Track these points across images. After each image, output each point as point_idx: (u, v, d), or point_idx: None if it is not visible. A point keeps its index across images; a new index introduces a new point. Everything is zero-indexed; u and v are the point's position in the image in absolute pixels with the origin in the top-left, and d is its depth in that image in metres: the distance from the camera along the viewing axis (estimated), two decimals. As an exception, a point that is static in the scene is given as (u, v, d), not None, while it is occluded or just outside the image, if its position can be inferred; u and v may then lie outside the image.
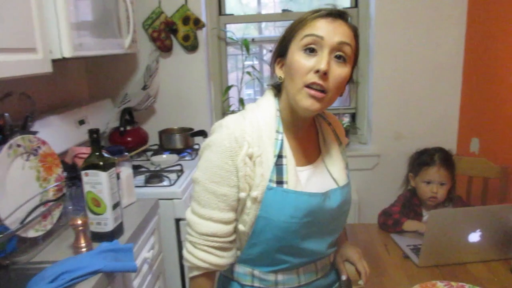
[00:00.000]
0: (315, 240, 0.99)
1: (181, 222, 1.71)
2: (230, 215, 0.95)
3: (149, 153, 2.23)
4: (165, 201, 1.68)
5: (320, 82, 0.88)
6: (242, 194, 0.93)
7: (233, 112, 2.50)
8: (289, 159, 0.95)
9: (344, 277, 1.09)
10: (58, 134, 1.76)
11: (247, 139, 0.92)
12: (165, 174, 1.86)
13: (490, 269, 1.32)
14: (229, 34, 2.48)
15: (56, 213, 1.30)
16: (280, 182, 0.93)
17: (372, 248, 1.52)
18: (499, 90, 1.95)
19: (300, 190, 0.94)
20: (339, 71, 0.90)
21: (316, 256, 1.02)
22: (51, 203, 1.26)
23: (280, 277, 1.00)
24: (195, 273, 0.97)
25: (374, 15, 2.30)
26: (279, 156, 0.95)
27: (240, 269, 1.03)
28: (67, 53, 1.46)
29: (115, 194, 1.25)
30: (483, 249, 1.34)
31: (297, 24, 0.94)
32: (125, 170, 1.52)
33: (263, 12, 2.67)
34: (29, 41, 1.26)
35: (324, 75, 0.88)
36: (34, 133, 1.47)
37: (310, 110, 0.91)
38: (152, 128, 2.34)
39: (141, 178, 1.83)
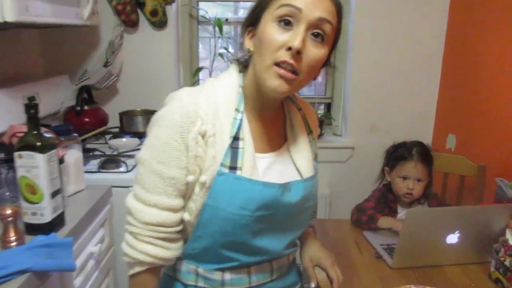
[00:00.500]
0: (271, 238, 0.87)
1: (137, 213, 1.55)
2: (179, 202, 0.83)
3: (108, 136, 2.05)
4: (120, 189, 1.52)
5: (292, 61, 0.77)
6: (190, 178, 0.81)
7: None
8: (247, 142, 0.84)
9: (313, 284, 0.95)
10: (0, 111, 1.57)
11: (201, 115, 0.81)
12: (123, 159, 1.70)
13: (467, 273, 1.24)
14: (201, 13, 2.31)
15: (-14, 200, 1.12)
16: (233, 168, 0.82)
17: (343, 246, 1.41)
18: (477, 87, 1.88)
19: (255, 179, 0.82)
20: (314, 52, 0.79)
21: (272, 256, 0.90)
22: (-21, 189, 1.09)
23: (227, 276, 0.88)
24: (137, 269, 0.84)
25: (354, 2, 2.19)
26: (236, 138, 0.83)
27: (183, 267, 0.90)
28: (10, 17, 1.27)
29: (55, 180, 1.09)
30: (461, 251, 1.26)
31: None
32: (73, 153, 1.35)
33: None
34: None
35: (297, 54, 0.77)
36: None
37: (277, 92, 0.80)
38: (112, 109, 2.15)
39: (95, 163, 1.66)
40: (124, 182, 1.53)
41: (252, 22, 0.85)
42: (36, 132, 1.05)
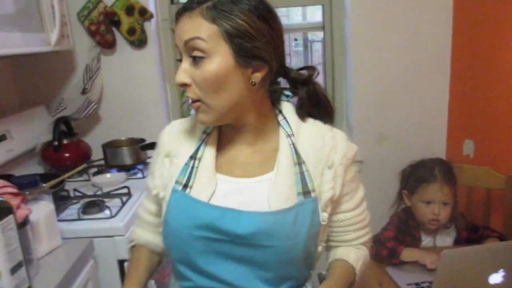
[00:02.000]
0: (227, 267, 0.83)
1: (125, 264, 1.35)
2: (152, 206, 0.97)
3: (92, 171, 1.85)
4: (103, 240, 1.32)
5: (187, 94, 0.81)
6: (154, 192, 0.92)
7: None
8: (205, 163, 0.86)
9: None
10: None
11: (166, 137, 0.93)
12: (106, 201, 1.50)
13: (516, 317, 1.04)
14: (184, 26, 2.12)
15: None
16: (186, 186, 0.85)
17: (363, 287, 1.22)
18: (494, 86, 1.69)
19: (199, 199, 0.83)
20: (199, 72, 0.78)
21: None
22: None
23: None
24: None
25: (350, 4, 2.00)
26: (192, 157, 0.88)
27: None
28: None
29: (15, 252, 0.90)
30: (507, 292, 1.06)
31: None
32: (43, 207, 1.16)
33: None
34: None
35: (185, 85, 0.80)
36: None
37: (205, 124, 0.86)
38: (95, 141, 1.95)
39: (75, 208, 1.46)
40: (107, 231, 1.33)
41: None
42: (-15, 197, 0.86)
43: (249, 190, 0.84)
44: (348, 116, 2.19)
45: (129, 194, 1.55)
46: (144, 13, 1.90)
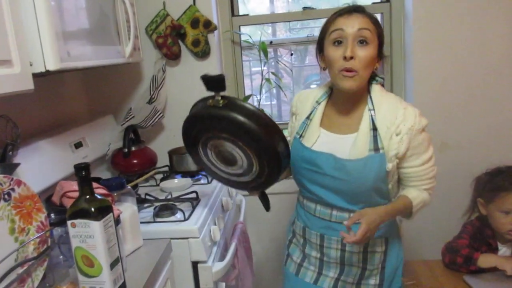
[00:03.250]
0: (317, 187, 1.27)
1: (199, 266, 1.39)
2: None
3: (158, 177, 1.93)
4: (178, 241, 1.37)
5: (350, 66, 1.14)
6: (288, 138, 1.27)
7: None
8: (314, 122, 1.29)
9: (345, 222, 1.12)
10: (47, 162, 1.48)
11: (294, 103, 1.39)
12: (177, 204, 1.56)
13: None
14: (244, 37, 2.19)
15: (39, 273, 1.00)
16: (301, 136, 1.30)
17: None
18: None
19: (306, 144, 1.27)
20: (364, 53, 1.15)
21: (329, 203, 1.26)
22: (30, 262, 0.97)
23: (318, 207, 1.31)
24: None
25: (412, 9, 1.99)
26: (308, 118, 1.31)
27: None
28: (52, 65, 1.17)
29: (114, 248, 0.95)
30: None
31: (325, 25, 1.23)
32: (128, 208, 1.22)
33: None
34: (1, 52, 0.98)
35: (351, 58, 1.14)
36: (16, 165, 1.19)
37: (349, 89, 1.18)
38: (161, 148, 2.04)
39: (149, 211, 1.52)
40: (182, 233, 1.38)
41: (320, 49, 1.27)
42: (89, 196, 0.92)
43: (338, 142, 1.23)
44: (408, 124, 2.16)
45: (197, 199, 1.60)
46: (209, 25, 1.98)
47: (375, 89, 1.25)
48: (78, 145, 1.72)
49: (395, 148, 1.18)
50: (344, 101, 1.25)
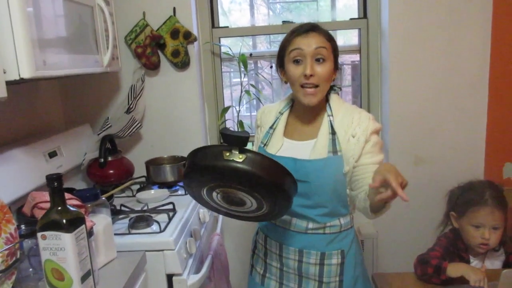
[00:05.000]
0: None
1: (174, 278, 1.38)
2: None
3: (134, 187, 1.90)
4: (153, 253, 1.36)
5: (310, 81, 1.23)
6: (254, 148, 1.43)
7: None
8: (278, 131, 1.36)
9: (370, 184, 1.06)
10: (20, 172, 1.44)
11: (258, 116, 1.48)
12: (153, 215, 1.54)
13: None
14: (224, 49, 2.20)
15: (6, 286, 0.97)
16: (264, 144, 1.37)
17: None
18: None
19: (269, 151, 1.33)
20: (322, 69, 1.24)
21: (289, 211, 1.21)
22: (-3, 275, 0.94)
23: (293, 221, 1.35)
24: None
25: (388, 26, 2.04)
26: (272, 127, 1.38)
27: None
28: (27, 73, 1.15)
29: (85, 261, 0.94)
30: None
31: (284, 43, 1.31)
32: (102, 220, 1.20)
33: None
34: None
35: (311, 76, 1.23)
36: (-15, 174, 1.16)
37: (309, 104, 1.26)
38: (138, 158, 2.02)
39: (124, 223, 1.50)
40: (157, 245, 1.36)
41: (280, 65, 1.34)
42: (60, 207, 0.90)
43: (300, 148, 1.30)
44: (384, 139, 2.20)
45: (174, 210, 1.59)
46: (188, 36, 1.98)
47: (333, 98, 1.33)
48: (52, 154, 1.68)
49: (352, 149, 1.24)
50: (306, 111, 1.33)
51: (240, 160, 1.03)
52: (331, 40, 1.27)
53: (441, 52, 2.03)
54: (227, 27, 2.23)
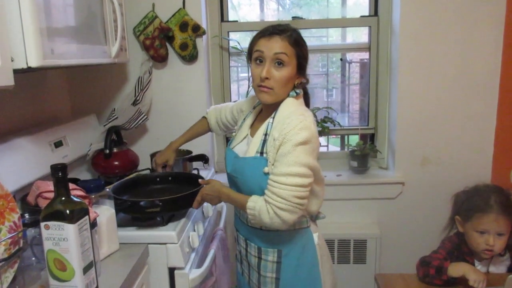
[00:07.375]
0: (232, 186, 1.43)
1: (176, 272, 1.37)
2: (230, 116, 1.67)
3: (139, 180, 1.90)
4: (155, 246, 1.35)
5: (265, 84, 1.27)
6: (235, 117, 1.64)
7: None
8: (244, 124, 1.43)
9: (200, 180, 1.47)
10: (25, 161, 1.44)
11: (241, 104, 1.60)
12: (157, 208, 1.54)
13: None
14: (233, 43, 2.18)
15: (9, 275, 0.97)
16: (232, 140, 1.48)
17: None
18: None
19: (231, 145, 1.44)
20: (279, 73, 1.26)
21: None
22: (0, 264, 0.93)
23: None
24: None
25: (399, 25, 2.02)
26: (244, 120, 1.47)
27: None
28: (34, 62, 1.14)
29: (88, 252, 0.93)
30: None
31: (251, 42, 1.33)
32: (105, 211, 1.20)
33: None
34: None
35: (266, 79, 1.26)
36: (-9, 162, 1.16)
37: (265, 102, 1.31)
38: (143, 150, 2.01)
39: (127, 215, 1.50)
40: (159, 239, 1.36)
41: (250, 59, 1.35)
42: (64, 197, 0.90)
43: (244, 144, 1.38)
44: (391, 138, 2.18)
45: (178, 204, 1.58)
46: (197, 30, 1.97)
47: (287, 101, 1.31)
48: (58, 144, 1.68)
49: (270, 151, 1.25)
50: (264, 109, 1.39)
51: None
52: (295, 45, 1.26)
53: (452, 53, 2.00)
54: (236, 21, 2.21)
